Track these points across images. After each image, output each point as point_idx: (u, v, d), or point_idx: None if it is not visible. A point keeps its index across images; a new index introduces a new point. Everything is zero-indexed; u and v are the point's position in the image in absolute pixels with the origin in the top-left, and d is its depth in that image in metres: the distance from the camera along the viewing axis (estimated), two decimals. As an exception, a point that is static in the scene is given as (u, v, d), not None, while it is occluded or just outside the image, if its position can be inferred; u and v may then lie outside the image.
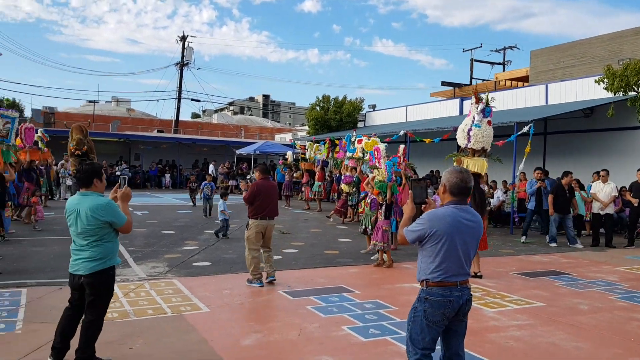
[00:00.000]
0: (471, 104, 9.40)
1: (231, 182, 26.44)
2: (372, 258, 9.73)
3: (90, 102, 45.94)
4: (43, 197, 15.41)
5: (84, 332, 4.41)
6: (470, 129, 9.16)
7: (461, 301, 3.48)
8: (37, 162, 14.87)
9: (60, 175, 20.33)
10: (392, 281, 8.09)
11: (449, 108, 23.72)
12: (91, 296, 4.38)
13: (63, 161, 20.48)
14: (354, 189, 15.31)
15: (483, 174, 9.54)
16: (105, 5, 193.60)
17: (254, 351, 5.02)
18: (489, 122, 9.25)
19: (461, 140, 9.33)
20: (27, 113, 42.37)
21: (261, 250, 7.73)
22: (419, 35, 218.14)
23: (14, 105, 41.18)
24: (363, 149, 15.05)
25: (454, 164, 9.11)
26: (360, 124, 29.69)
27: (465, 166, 9.00)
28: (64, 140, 22.88)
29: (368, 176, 11.21)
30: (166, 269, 8.48)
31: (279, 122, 75.64)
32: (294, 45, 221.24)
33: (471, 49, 38.48)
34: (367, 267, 9.12)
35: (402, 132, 17.77)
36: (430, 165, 21.98)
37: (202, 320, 5.86)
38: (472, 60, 38.51)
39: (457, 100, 23.62)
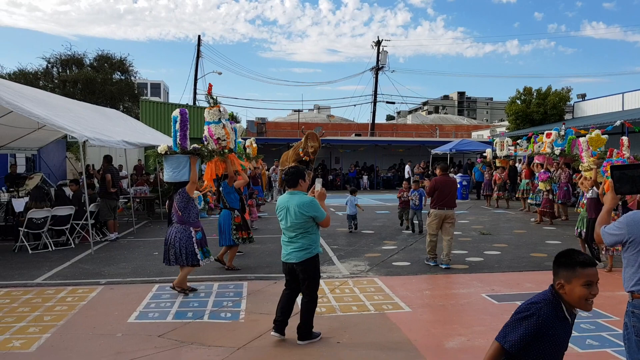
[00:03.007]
0: None
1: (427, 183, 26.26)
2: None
3: (295, 111, 49.57)
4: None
5: (303, 312, 5.21)
6: None
7: None
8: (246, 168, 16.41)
9: (272, 179, 22.25)
10: (610, 288, 7.27)
11: (678, 91, 20.56)
12: (305, 280, 5.15)
13: (274, 166, 22.38)
14: (550, 186, 14.32)
15: None
16: (308, 20, 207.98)
17: (458, 355, 4.93)
18: None
19: None
20: (243, 124, 47.26)
21: (444, 239, 8.79)
22: (637, 13, 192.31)
23: (234, 118, 46.28)
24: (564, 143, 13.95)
25: None
26: (567, 116, 27.28)
27: None
28: (274, 147, 25.05)
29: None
30: (367, 267, 8.77)
31: (475, 118, 73.13)
32: (492, 38, 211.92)
33: None
34: (580, 272, 8.34)
35: (618, 122, 15.86)
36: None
37: (404, 320, 5.94)
38: None
39: (689, 82, 20.33)
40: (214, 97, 7.85)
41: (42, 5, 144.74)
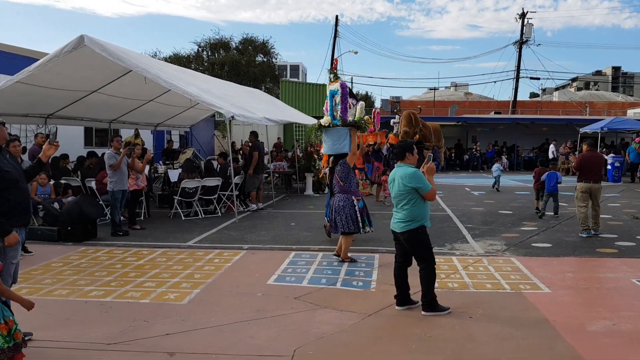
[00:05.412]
0: None
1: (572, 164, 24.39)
2: None
3: (430, 89, 48.51)
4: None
5: (421, 280, 5.26)
6: None
7: None
8: (380, 143, 16.29)
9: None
10: None
11: None
12: (410, 249, 5.32)
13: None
14: None
15: None
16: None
17: (601, 339, 4.62)
18: None
19: None
20: (377, 103, 47.35)
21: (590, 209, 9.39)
22: None
23: (366, 98, 46.44)
24: None
25: None
26: None
27: None
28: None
29: None
30: (504, 247, 8.46)
31: (632, 95, 66.20)
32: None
33: None
34: None
35: None
36: None
37: (542, 300, 5.67)
38: None
39: None
40: (336, 72, 8.00)
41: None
